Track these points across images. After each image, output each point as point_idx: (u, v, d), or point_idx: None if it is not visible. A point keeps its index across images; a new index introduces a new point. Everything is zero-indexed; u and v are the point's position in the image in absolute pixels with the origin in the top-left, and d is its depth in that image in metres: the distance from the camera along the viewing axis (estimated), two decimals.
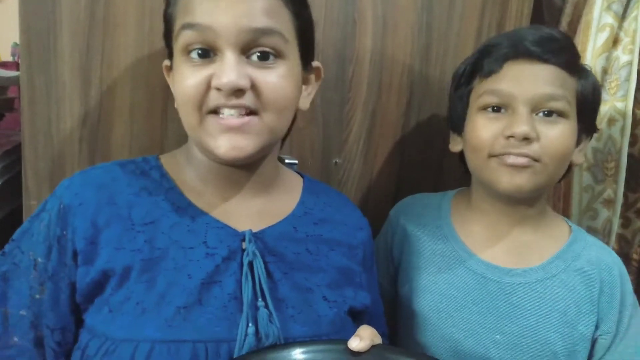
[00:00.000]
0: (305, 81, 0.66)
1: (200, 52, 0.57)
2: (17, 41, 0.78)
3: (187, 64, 0.57)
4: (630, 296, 0.78)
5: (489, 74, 0.74)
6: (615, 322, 0.76)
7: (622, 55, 1.01)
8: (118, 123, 0.80)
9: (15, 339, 0.56)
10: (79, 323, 0.60)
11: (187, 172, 0.66)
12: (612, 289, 0.76)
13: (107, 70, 0.78)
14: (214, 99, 0.56)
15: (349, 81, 0.91)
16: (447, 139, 0.87)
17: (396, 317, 0.87)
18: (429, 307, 0.79)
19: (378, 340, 0.58)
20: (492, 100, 0.73)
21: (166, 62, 0.66)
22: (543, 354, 0.74)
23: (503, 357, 0.75)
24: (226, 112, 0.57)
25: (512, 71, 0.72)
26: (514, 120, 0.71)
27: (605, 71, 1.03)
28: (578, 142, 0.77)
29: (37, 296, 0.58)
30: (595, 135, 1.04)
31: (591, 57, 1.03)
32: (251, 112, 0.58)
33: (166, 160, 0.67)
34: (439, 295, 0.79)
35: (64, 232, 0.58)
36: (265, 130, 0.59)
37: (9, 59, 1.27)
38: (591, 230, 1.04)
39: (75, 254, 0.58)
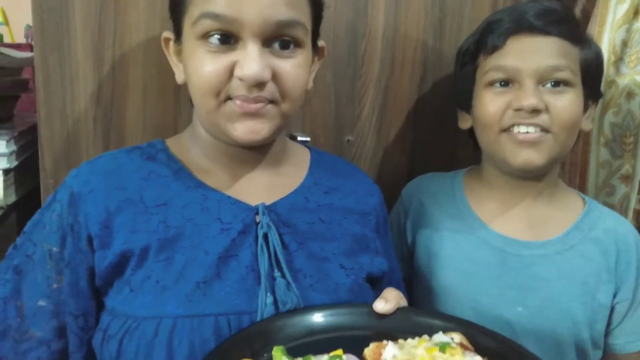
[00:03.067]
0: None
1: (219, 37, 0.56)
2: (30, 23, 0.78)
3: (204, 48, 0.56)
4: None
5: (493, 50, 0.75)
6: (632, 289, 0.78)
7: None
8: (131, 102, 0.80)
9: (32, 331, 0.57)
10: (100, 307, 0.61)
11: (193, 152, 0.66)
12: (629, 257, 0.78)
13: (120, 49, 0.78)
14: (236, 88, 0.56)
15: (361, 57, 0.90)
16: None
17: (411, 296, 0.87)
18: (449, 284, 0.80)
19: (403, 302, 0.59)
20: (498, 76, 0.75)
21: (167, 35, 0.64)
22: (565, 323, 0.76)
23: (526, 329, 0.76)
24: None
25: (515, 46, 0.74)
26: (522, 94, 0.72)
27: (625, 44, 1.00)
28: (585, 109, 0.78)
29: (55, 285, 0.59)
30: (613, 110, 1.03)
31: (610, 29, 1.00)
32: (269, 101, 0.59)
33: (172, 143, 0.68)
34: (458, 272, 0.80)
35: (77, 219, 0.59)
36: (280, 116, 0.60)
37: (23, 41, 1.28)
38: (608, 206, 1.03)
39: (90, 239, 0.59)
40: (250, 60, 0.55)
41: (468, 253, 0.80)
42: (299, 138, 0.86)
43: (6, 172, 0.85)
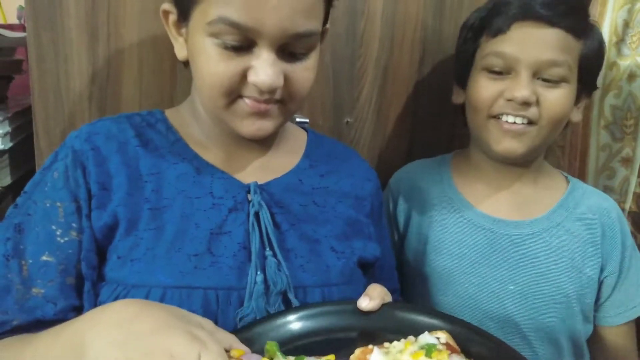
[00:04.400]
0: None
1: (235, 42, 0.54)
2: (23, 4, 0.76)
3: (216, 47, 0.55)
4: (629, 237, 0.83)
5: (496, 33, 0.75)
6: (618, 262, 0.80)
7: None
8: (127, 81, 0.79)
9: (37, 289, 0.56)
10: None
11: (192, 125, 0.66)
12: (613, 231, 0.80)
13: (114, 26, 0.76)
14: (248, 89, 0.57)
15: (360, 36, 0.88)
16: None
17: (402, 283, 0.86)
18: (440, 268, 0.81)
19: (388, 298, 0.58)
20: (496, 62, 0.75)
21: (167, 8, 0.62)
22: (557, 298, 0.78)
23: (517, 307, 0.78)
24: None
25: (518, 33, 0.73)
26: (516, 84, 0.73)
27: (626, 24, 1.00)
28: (577, 101, 0.79)
29: (63, 239, 0.57)
30: (614, 92, 1.02)
31: (612, 9, 0.99)
32: (276, 101, 0.59)
33: (171, 115, 0.68)
34: (449, 255, 0.81)
35: (83, 173, 0.59)
36: (286, 113, 0.62)
37: (15, 22, 1.26)
38: (607, 190, 1.03)
39: (89, 197, 0.59)
40: (266, 68, 0.55)
41: (458, 235, 0.81)
42: (297, 119, 0.86)
43: (1, 153, 0.84)
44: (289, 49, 0.57)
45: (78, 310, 0.58)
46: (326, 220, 0.66)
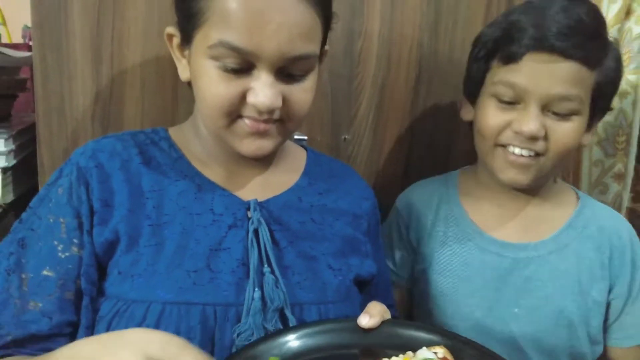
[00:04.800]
0: None
1: (235, 65, 0.56)
2: (28, 24, 0.78)
3: (217, 69, 0.57)
4: None
5: (508, 61, 0.72)
6: (627, 284, 0.77)
7: (634, 27, 1.00)
8: (129, 100, 0.80)
9: (34, 302, 0.57)
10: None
11: (194, 144, 0.68)
12: (623, 253, 0.78)
13: (118, 47, 0.78)
14: (248, 109, 0.58)
15: (357, 56, 0.91)
16: (457, 113, 0.86)
17: (411, 303, 0.87)
18: (447, 290, 0.80)
19: (387, 315, 0.59)
20: (506, 92, 0.72)
21: (171, 31, 0.63)
22: (560, 322, 0.76)
23: (522, 330, 0.76)
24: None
25: (530, 64, 0.70)
26: (524, 117, 0.71)
27: (617, 43, 1.02)
28: (589, 127, 0.76)
29: (64, 255, 0.59)
30: None
31: None
32: (275, 120, 0.61)
33: (174, 133, 0.69)
34: (456, 278, 0.80)
35: (86, 190, 0.61)
36: (285, 133, 0.63)
37: (20, 41, 1.28)
38: None
39: (92, 213, 0.60)
40: (265, 90, 0.56)
41: (463, 258, 0.80)
42: (296, 137, 0.87)
43: (4, 170, 0.86)
44: (287, 71, 0.58)
45: (74, 326, 0.59)
46: (324, 238, 0.67)
